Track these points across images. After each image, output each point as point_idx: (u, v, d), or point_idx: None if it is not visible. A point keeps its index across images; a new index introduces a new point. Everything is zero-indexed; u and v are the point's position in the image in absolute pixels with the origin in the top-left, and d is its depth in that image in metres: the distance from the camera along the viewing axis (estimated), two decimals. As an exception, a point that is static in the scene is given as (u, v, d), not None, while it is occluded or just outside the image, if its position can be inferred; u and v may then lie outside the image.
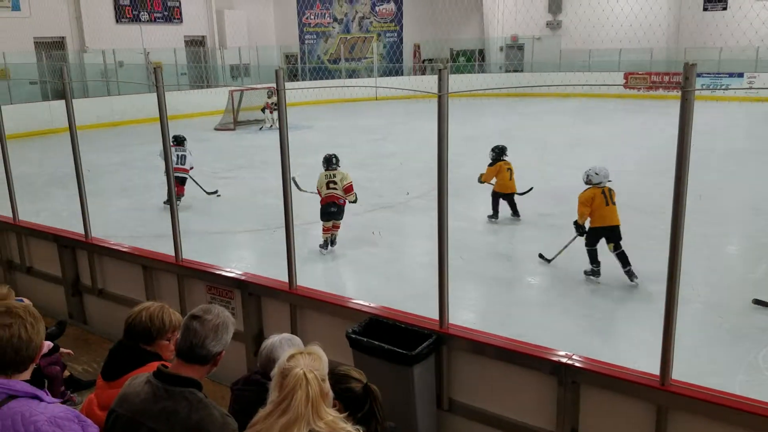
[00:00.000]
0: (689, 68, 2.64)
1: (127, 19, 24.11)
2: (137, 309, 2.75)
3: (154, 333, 2.69)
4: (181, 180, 10.16)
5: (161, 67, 4.95)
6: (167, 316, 2.74)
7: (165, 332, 2.71)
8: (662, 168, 11.87)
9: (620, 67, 25.50)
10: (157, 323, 2.70)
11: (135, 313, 2.73)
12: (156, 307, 2.75)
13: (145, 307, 2.75)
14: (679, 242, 2.81)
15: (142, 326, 2.69)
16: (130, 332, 2.72)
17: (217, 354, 2.30)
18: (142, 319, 2.69)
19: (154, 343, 2.71)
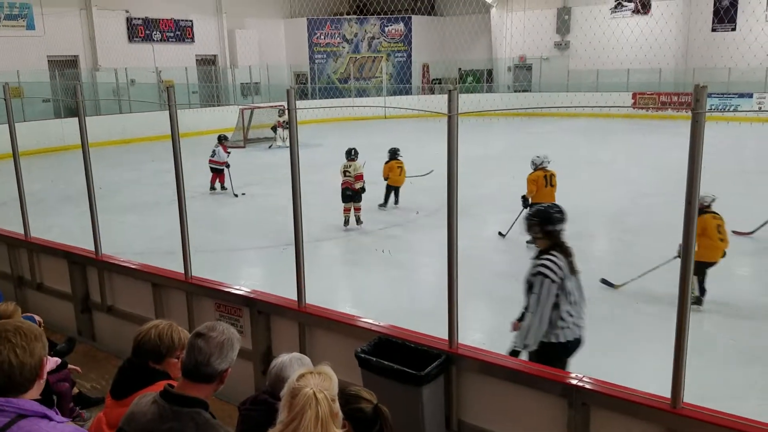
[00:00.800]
0: (700, 90, 2.64)
1: (140, 38, 24.44)
2: (146, 327, 2.75)
3: (163, 351, 2.69)
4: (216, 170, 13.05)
5: (173, 85, 5.01)
6: (176, 334, 2.73)
7: (174, 350, 2.71)
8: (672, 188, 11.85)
9: (628, 87, 25.55)
10: (166, 341, 2.69)
11: (144, 332, 2.72)
12: (165, 325, 2.75)
13: (154, 325, 2.75)
14: (689, 263, 2.79)
15: (152, 345, 2.68)
16: (139, 351, 2.71)
17: (223, 372, 2.29)
18: (151, 337, 2.69)
19: (164, 362, 2.70)
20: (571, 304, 3.91)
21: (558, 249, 3.93)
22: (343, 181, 10.04)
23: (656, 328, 6.03)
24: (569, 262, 3.92)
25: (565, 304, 3.88)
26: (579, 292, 3.99)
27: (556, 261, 3.85)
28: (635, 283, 7.35)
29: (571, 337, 3.93)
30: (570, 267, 3.92)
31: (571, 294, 3.90)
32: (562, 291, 3.84)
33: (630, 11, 26.69)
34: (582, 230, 9.79)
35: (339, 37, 29.98)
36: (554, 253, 3.90)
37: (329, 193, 12.61)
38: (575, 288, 3.95)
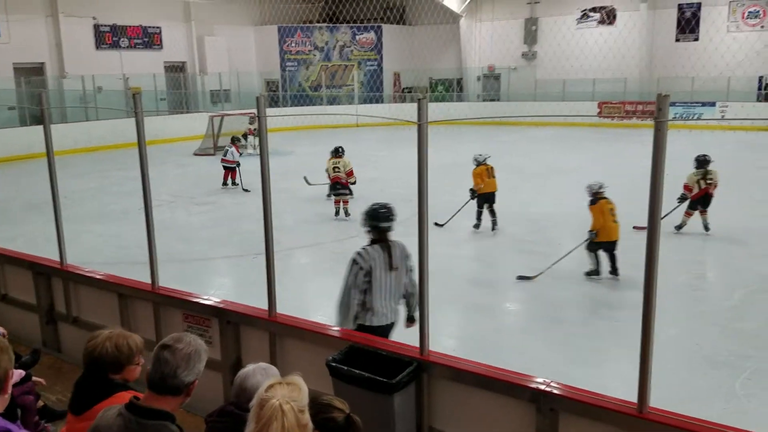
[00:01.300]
0: (662, 99, 2.70)
1: (107, 45, 24.09)
2: (98, 340, 2.67)
3: (123, 361, 2.64)
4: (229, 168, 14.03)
5: (140, 92, 4.95)
6: (131, 340, 2.69)
7: (133, 357, 2.67)
8: (637, 196, 12.05)
9: (594, 96, 26.01)
10: (125, 350, 2.64)
11: (98, 344, 2.65)
12: (117, 334, 2.69)
13: (106, 336, 2.68)
14: (654, 269, 2.84)
15: (110, 356, 2.62)
16: (96, 363, 2.65)
17: (190, 384, 2.26)
18: (108, 349, 2.62)
19: (123, 370, 2.66)
20: (383, 295, 4.36)
21: (380, 243, 4.40)
22: (333, 176, 11.09)
23: (624, 334, 6.13)
24: (388, 257, 4.35)
25: (376, 293, 4.34)
26: (397, 286, 4.42)
27: (370, 252, 4.35)
28: (604, 289, 7.47)
29: (380, 323, 4.38)
30: (388, 262, 4.35)
31: (385, 286, 4.35)
32: (371, 280, 4.30)
33: (595, 22, 27.21)
34: (551, 237, 9.94)
35: (310, 44, 29.97)
36: (374, 246, 4.40)
37: (300, 201, 12.60)
38: (393, 283, 4.39)
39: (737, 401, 5.04)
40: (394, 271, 4.38)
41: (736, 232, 9.87)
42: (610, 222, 7.60)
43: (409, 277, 4.50)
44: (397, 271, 4.40)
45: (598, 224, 7.64)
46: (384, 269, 4.35)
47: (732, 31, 24.40)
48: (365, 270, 4.32)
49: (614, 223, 7.64)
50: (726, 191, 12.86)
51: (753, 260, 8.47)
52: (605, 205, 7.68)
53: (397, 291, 4.45)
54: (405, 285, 4.51)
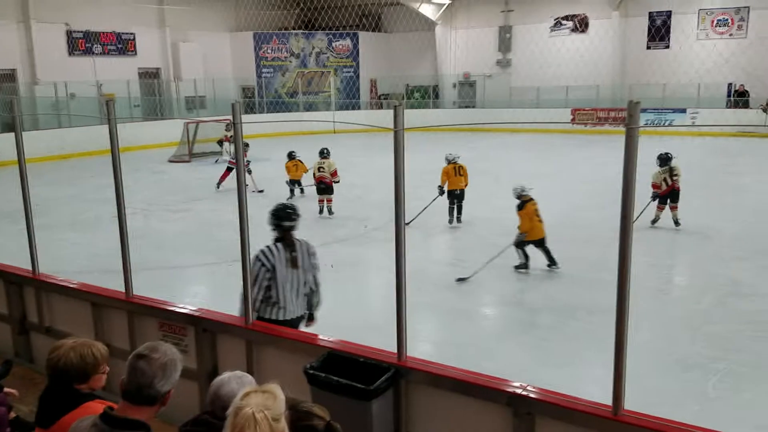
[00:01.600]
0: (633, 106, 2.76)
1: (80, 51, 23.78)
2: (62, 350, 2.63)
3: (89, 370, 2.60)
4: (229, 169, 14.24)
5: (113, 99, 4.91)
6: (95, 349, 2.66)
7: (99, 366, 2.64)
8: (609, 200, 12.22)
9: (568, 103, 26.34)
10: (90, 360, 2.61)
11: (61, 355, 2.61)
12: (80, 344, 2.65)
13: (70, 346, 2.64)
14: (626, 273, 2.89)
15: (76, 367, 2.59)
16: (62, 375, 2.60)
17: (166, 393, 2.24)
18: (73, 360, 2.59)
19: (89, 380, 2.62)
20: (286, 291, 4.56)
21: (283, 242, 4.60)
22: (318, 176, 11.80)
23: (598, 338, 6.21)
24: (291, 256, 4.57)
25: (279, 289, 4.54)
26: (301, 283, 4.63)
27: (273, 251, 4.54)
28: (578, 293, 7.55)
29: (285, 317, 4.59)
30: (291, 261, 4.57)
31: (288, 282, 4.55)
32: (274, 277, 4.49)
33: (568, 30, 27.58)
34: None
35: (286, 51, 29.91)
36: (277, 244, 4.59)
37: (276, 207, 12.54)
38: (296, 279, 4.59)
39: (709, 403, 5.14)
40: (296, 268, 4.59)
41: (707, 237, 10.06)
42: (536, 222, 8.28)
43: (313, 274, 4.72)
44: (300, 269, 4.61)
45: (526, 227, 8.27)
46: (287, 266, 4.55)
47: (701, 39, 24.90)
48: (267, 267, 4.51)
49: (539, 223, 8.33)
50: (696, 196, 13.11)
51: (723, 264, 8.63)
52: (531, 207, 8.30)
53: (301, 287, 4.66)
54: (309, 283, 4.70)
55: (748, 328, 6.54)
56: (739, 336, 6.36)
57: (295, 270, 4.59)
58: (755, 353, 5.97)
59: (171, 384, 2.25)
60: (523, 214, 8.32)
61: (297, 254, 4.60)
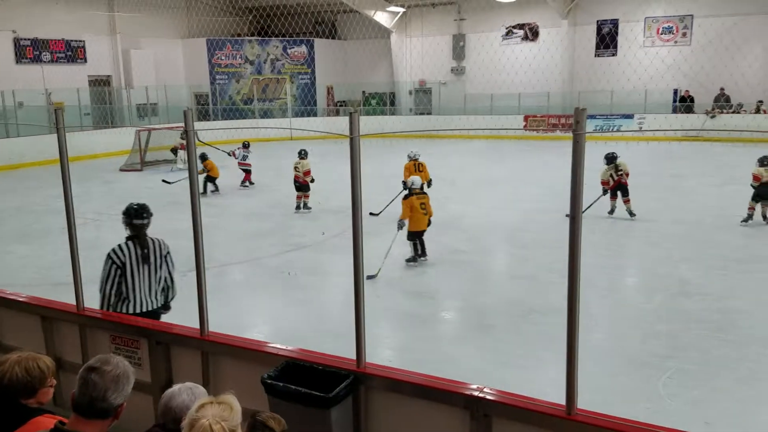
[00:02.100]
0: (580, 113, 2.83)
1: (28, 59, 23.10)
2: (6, 366, 2.54)
3: (35, 384, 2.53)
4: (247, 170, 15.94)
5: (62, 108, 4.79)
6: (41, 362, 2.58)
7: (46, 380, 2.57)
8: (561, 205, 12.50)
9: (520, 110, 26.81)
10: (36, 373, 2.54)
11: (6, 370, 2.52)
12: (25, 357, 2.58)
13: (14, 361, 2.56)
14: (576, 275, 2.96)
15: (22, 381, 2.51)
16: (7, 390, 2.52)
17: (119, 406, 2.21)
18: (18, 374, 2.51)
19: (36, 394, 2.55)
20: (138, 286, 4.84)
21: (134, 239, 4.87)
22: (295, 175, 12.76)
23: (552, 338, 6.33)
24: (143, 253, 4.85)
25: (130, 284, 4.82)
26: (153, 278, 4.91)
27: (124, 249, 4.83)
28: (532, 296, 7.68)
29: (134, 311, 4.84)
30: (143, 257, 4.85)
31: (139, 278, 4.84)
32: (125, 273, 4.78)
33: (519, 38, 28.09)
34: (481, 246, 10.17)
35: (240, 58, 29.64)
36: (128, 243, 4.86)
37: (234, 216, 12.41)
38: (148, 275, 4.87)
39: (660, 400, 5.28)
40: (148, 264, 4.86)
41: (655, 238, 10.37)
42: (419, 214, 8.84)
43: (168, 270, 4.96)
44: (152, 265, 4.88)
45: (405, 215, 8.84)
46: (138, 263, 4.82)
47: (647, 46, 25.68)
48: (117, 264, 4.79)
49: (423, 216, 8.91)
50: (644, 199, 13.51)
51: (671, 264, 8.91)
52: (415, 200, 8.87)
53: (154, 282, 4.92)
54: (164, 279, 4.98)
55: (696, 327, 6.75)
56: (688, 335, 6.57)
57: (147, 266, 4.86)
58: (703, 351, 6.17)
59: (123, 397, 2.21)
60: (405, 204, 8.90)
61: (148, 251, 4.88)
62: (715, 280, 8.23)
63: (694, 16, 24.96)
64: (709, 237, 10.36)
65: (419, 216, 8.86)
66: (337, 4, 27.69)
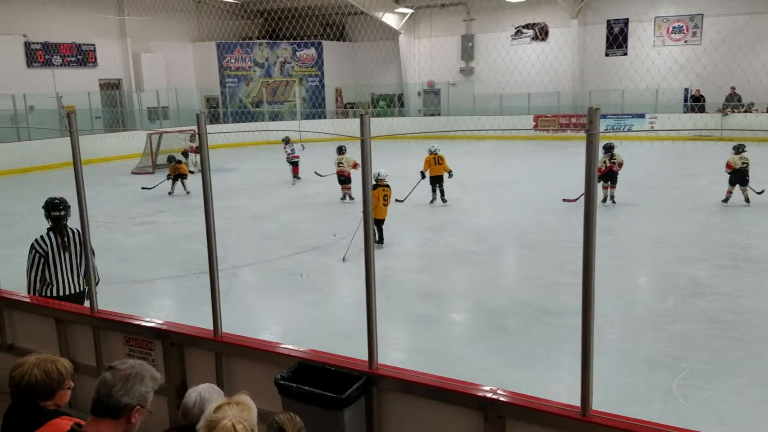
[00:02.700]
0: (593, 112, 2.82)
1: (39, 63, 23.30)
2: (25, 367, 2.57)
3: (53, 386, 2.55)
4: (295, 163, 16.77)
5: (74, 111, 4.82)
6: (60, 364, 2.61)
7: (64, 381, 2.59)
8: (573, 205, 12.44)
9: (530, 110, 26.74)
10: (55, 375, 2.56)
11: (25, 372, 2.55)
12: (44, 359, 2.60)
13: (33, 363, 2.58)
14: (591, 277, 2.95)
15: (41, 383, 2.53)
16: (26, 392, 2.54)
17: (128, 407, 2.19)
18: (38, 376, 2.53)
19: (54, 396, 2.57)
20: (59, 271, 5.44)
21: (54, 230, 5.42)
22: (338, 170, 13.89)
23: (565, 339, 6.31)
24: (63, 242, 5.42)
25: (53, 271, 5.41)
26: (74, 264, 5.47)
27: (45, 239, 5.40)
28: (544, 297, 7.65)
29: (63, 294, 5.42)
30: (62, 245, 5.42)
31: (61, 264, 5.43)
32: (47, 261, 5.36)
33: (529, 38, 28.02)
34: (492, 247, 10.15)
35: (250, 61, 29.76)
36: (49, 233, 5.42)
37: (245, 218, 12.46)
38: (69, 261, 5.45)
39: (674, 401, 5.25)
40: (68, 251, 5.44)
41: (667, 238, 10.30)
42: (380, 205, 9.72)
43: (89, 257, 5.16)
44: (72, 252, 5.44)
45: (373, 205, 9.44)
46: (59, 251, 5.40)
47: (658, 46, 25.56)
48: (40, 253, 5.37)
49: (384, 207, 9.86)
50: (656, 198, 13.44)
51: (684, 264, 8.85)
52: (380, 192, 9.73)
53: (75, 267, 5.48)
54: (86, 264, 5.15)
55: (709, 327, 6.71)
56: (701, 335, 6.52)
57: (67, 253, 5.44)
58: (717, 351, 6.13)
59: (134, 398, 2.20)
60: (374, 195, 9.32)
61: (68, 240, 5.43)
62: (727, 280, 8.17)
63: (704, 16, 24.82)
64: (721, 236, 10.29)
65: (380, 206, 9.76)
66: (346, 7, 27.74)
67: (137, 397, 2.20)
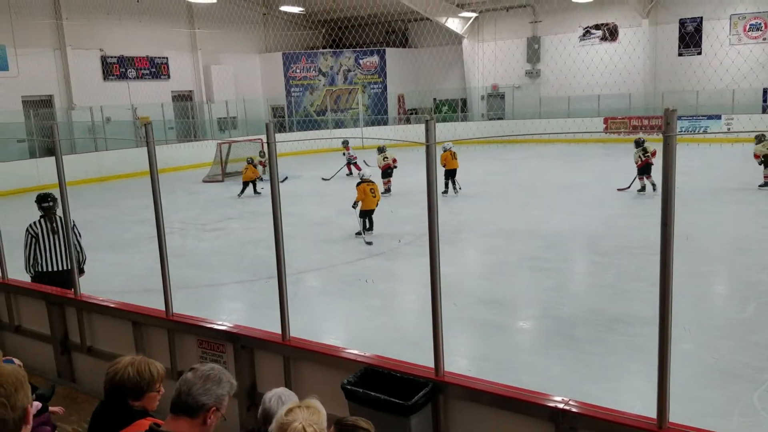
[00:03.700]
0: (670, 114, 2.72)
1: (115, 76, 24.43)
2: (120, 366, 2.65)
3: (144, 387, 2.62)
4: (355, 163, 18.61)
5: (150, 122, 5.00)
6: (153, 367, 2.67)
7: (154, 383, 2.65)
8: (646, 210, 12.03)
9: (600, 112, 26.08)
10: (146, 376, 2.63)
11: (119, 370, 2.63)
12: (139, 360, 2.68)
13: (128, 362, 2.67)
14: (669, 284, 2.84)
15: (132, 381, 2.60)
16: (117, 390, 2.62)
17: (205, 407, 2.24)
18: (130, 374, 2.61)
19: (144, 397, 2.64)
20: (48, 251, 6.48)
21: (45, 217, 6.53)
22: (384, 164, 15.91)
23: (637, 349, 6.09)
24: (51, 227, 6.49)
25: (43, 251, 6.47)
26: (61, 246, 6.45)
27: (37, 224, 6.50)
28: (614, 305, 7.42)
29: (50, 270, 6.48)
30: (51, 230, 6.49)
31: (50, 245, 6.47)
32: (37, 242, 6.44)
33: (598, 39, 27.37)
34: (561, 254, 9.92)
35: (314, 70, 30.28)
36: (41, 220, 6.52)
37: (310, 224, 12.65)
38: (57, 242, 6.48)
39: (755, 414, 4.98)
40: (56, 235, 6.46)
41: (746, 244, 9.82)
42: (369, 198, 11.21)
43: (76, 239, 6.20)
44: (60, 235, 6.44)
45: (359, 198, 11.21)
46: (48, 234, 6.46)
47: (734, 44, 24.47)
48: (32, 235, 6.44)
49: (373, 198, 11.28)
50: (735, 203, 12.84)
51: (764, 272, 8.41)
52: (366, 186, 11.31)
53: (64, 248, 6.40)
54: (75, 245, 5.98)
55: (795, 338, 6.34)
56: (786, 346, 6.17)
57: (56, 236, 6.47)
58: (803, 363, 5.79)
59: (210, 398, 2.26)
60: (360, 189, 11.32)
61: (57, 225, 6.48)
62: (814, 288, 7.71)
63: (784, 11, 23.62)
64: (808, 242, 9.72)
65: (369, 198, 11.23)
66: (409, 13, 27.84)
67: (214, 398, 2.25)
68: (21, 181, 17.96)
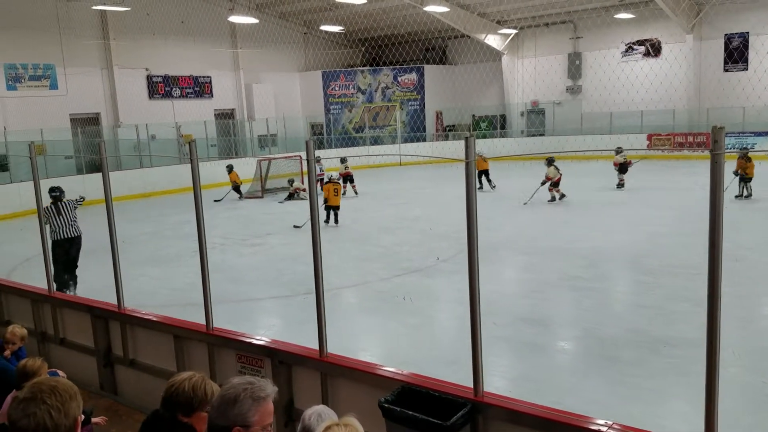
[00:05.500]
0: (717, 131, 2.66)
1: (160, 95, 25.12)
2: (180, 379, 2.69)
3: (195, 404, 2.63)
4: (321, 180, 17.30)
5: (194, 140, 5.10)
6: (209, 387, 2.67)
7: (205, 404, 2.65)
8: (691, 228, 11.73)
9: (643, 128, 25.62)
10: (200, 394, 2.63)
11: (178, 383, 2.66)
12: (198, 378, 2.69)
13: (188, 377, 2.69)
14: (717, 306, 2.75)
15: (185, 396, 2.62)
16: (170, 402, 2.64)
17: (226, 429, 2.11)
18: (185, 389, 2.63)
19: (193, 415, 2.65)
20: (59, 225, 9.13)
21: (55, 203, 9.15)
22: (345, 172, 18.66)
23: (681, 371, 5.90)
24: (57, 210, 9.14)
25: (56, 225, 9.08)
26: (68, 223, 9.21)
27: (50, 207, 9.02)
28: (656, 325, 7.22)
29: (61, 238, 9.17)
30: (57, 211, 9.16)
31: (60, 221, 9.13)
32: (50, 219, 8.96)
33: (641, 54, 26.96)
34: (602, 273, 9.73)
35: (353, 87, 30.56)
36: (51, 205, 9.06)
37: (346, 241, 12.70)
38: (64, 219, 9.17)
39: (810, 443, 4.77)
40: (61, 215, 9.13)
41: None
42: (332, 196, 14.16)
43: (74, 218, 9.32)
44: (63, 216, 9.15)
45: (326, 196, 14.04)
46: (56, 215, 9.12)
47: (784, 59, 23.79)
48: (46, 215, 8.57)
49: (335, 197, 14.20)
50: (786, 222, 12.42)
51: (819, 293, 8.09)
52: (331, 186, 14.26)
53: (68, 225, 9.21)
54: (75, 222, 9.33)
55: None
56: (841, 371, 5.91)
57: (61, 216, 9.15)
58: None
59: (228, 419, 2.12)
60: (326, 188, 14.23)
61: (62, 209, 9.17)
62: None
63: (835, 25, 22.90)
64: None
65: (332, 197, 14.20)
66: (448, 31, 27.91)
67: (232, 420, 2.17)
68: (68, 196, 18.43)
